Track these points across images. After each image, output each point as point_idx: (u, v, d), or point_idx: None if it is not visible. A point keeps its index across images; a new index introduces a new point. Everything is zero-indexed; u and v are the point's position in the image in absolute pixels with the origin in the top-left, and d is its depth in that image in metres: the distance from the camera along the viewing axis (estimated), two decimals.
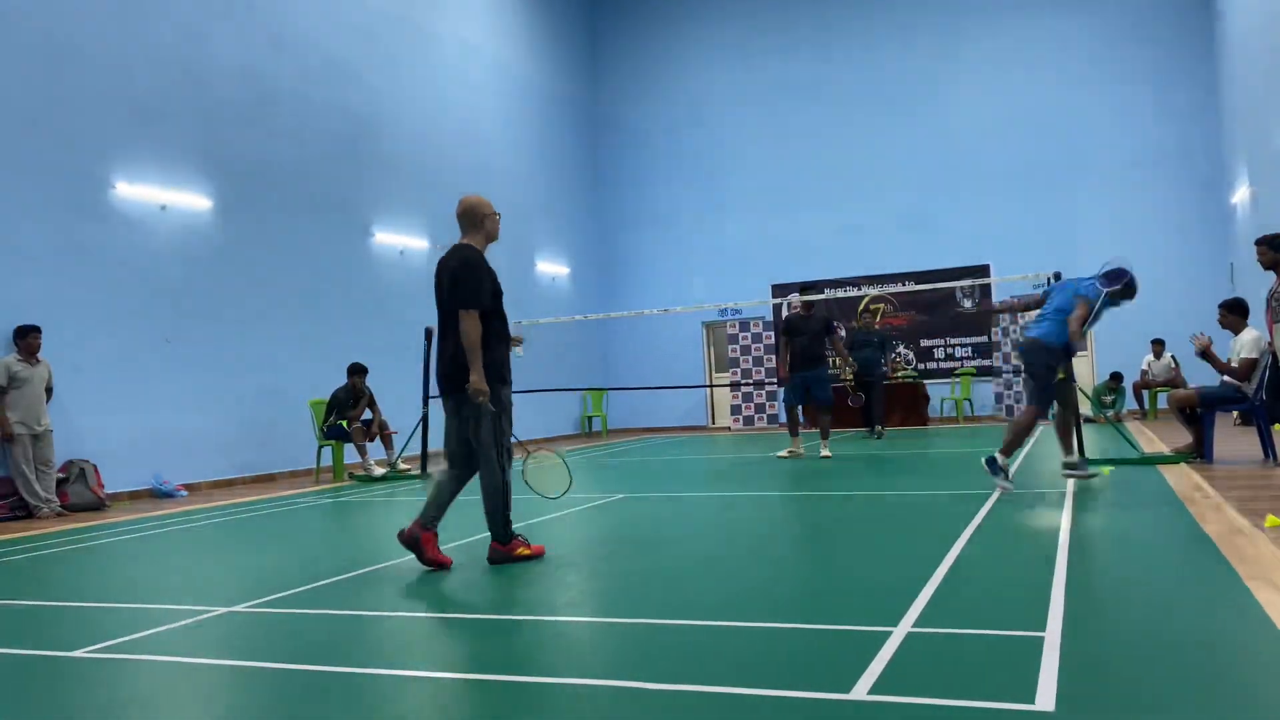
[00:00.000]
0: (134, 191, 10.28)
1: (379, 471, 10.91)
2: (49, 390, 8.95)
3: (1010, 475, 6.81)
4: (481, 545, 5.25)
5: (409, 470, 11.06)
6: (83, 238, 9.73)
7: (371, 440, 11.32)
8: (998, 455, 6.78)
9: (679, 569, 4.82)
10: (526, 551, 5.05)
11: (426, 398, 11.04)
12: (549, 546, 5.30)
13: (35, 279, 9.25)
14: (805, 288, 11.91)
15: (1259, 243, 7.64)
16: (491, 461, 4.99)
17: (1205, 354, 8.18)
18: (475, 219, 5.15)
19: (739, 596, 4.08)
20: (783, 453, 10.87)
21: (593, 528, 6.19)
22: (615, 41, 20.45)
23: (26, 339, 8.75)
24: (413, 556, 5.00)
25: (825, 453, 10.56)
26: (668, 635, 3.47)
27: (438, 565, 4.94)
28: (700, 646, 3.29)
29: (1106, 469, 7.54)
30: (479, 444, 5.00)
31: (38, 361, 8.84)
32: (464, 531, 6.04)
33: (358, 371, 11.31)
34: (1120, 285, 6.93)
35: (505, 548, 5.01)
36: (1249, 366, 8.11)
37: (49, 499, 8.79)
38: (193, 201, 10.95)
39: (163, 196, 10.58)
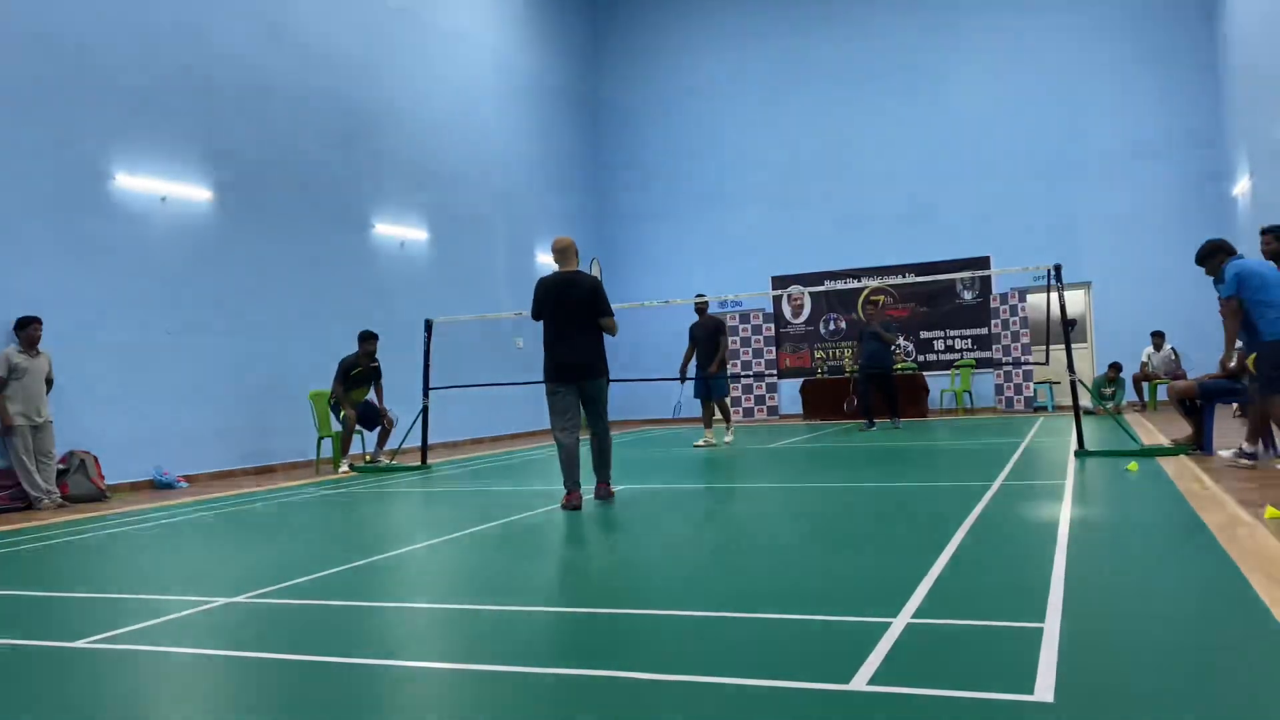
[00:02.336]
0: (134, 183, 10.26)
1: (385, 460, 10.94)
2: (49, 381, 8.95)
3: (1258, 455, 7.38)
4: (475, 538, 5.38)
5: (386, 461, 11.03)
6: (82, 229, 9.72)
7: (373, 430, 11.33)
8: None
9: (677, 560, 4.83)
10: (613, 490, 7.08)
11: (427, 389, 11.03)
12: (546, 539, 5.50)
13: (35, 270, 9.24)
14: (704, 294, 13.10)
15: (1265, 231, 7.63)
16: (607, 423, 7.09)
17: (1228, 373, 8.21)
18: (575, 252, 6.96)
19: (737, 587, 4.08)
20: (699, 443, 11.94)
21: (592, 519, 6.20)
22: (614, 30, 20.40)
23: (27, 330, 8.74)
24: (414, 547, 5.43)
25: (728, 439, 12.18)
26: (665, 626, 3.48)
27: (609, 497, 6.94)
28: (698, 637, 3.30)
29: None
30: (604, 412, 7.07)
31: (38, 353, 8.83)
32: (460, 526, 6.05)
33: (368, 338, 11.14)
34: None
35: (609, 487, 7.02)
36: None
37: (49, 490, 8.80)
38: (193, 193, 10.93)
39: (163, 188, 10.57)
